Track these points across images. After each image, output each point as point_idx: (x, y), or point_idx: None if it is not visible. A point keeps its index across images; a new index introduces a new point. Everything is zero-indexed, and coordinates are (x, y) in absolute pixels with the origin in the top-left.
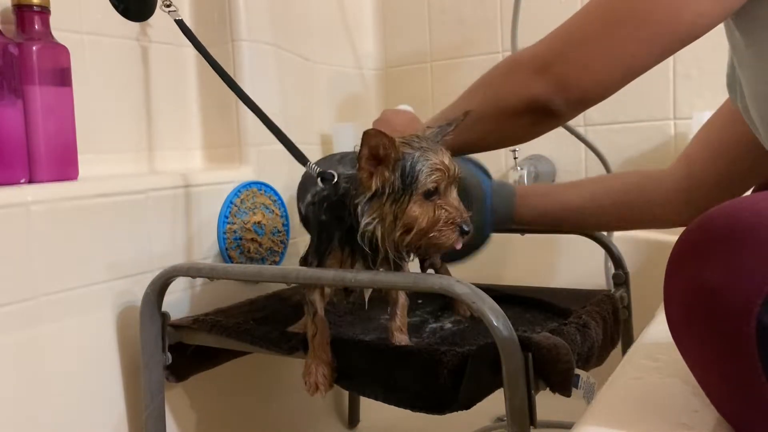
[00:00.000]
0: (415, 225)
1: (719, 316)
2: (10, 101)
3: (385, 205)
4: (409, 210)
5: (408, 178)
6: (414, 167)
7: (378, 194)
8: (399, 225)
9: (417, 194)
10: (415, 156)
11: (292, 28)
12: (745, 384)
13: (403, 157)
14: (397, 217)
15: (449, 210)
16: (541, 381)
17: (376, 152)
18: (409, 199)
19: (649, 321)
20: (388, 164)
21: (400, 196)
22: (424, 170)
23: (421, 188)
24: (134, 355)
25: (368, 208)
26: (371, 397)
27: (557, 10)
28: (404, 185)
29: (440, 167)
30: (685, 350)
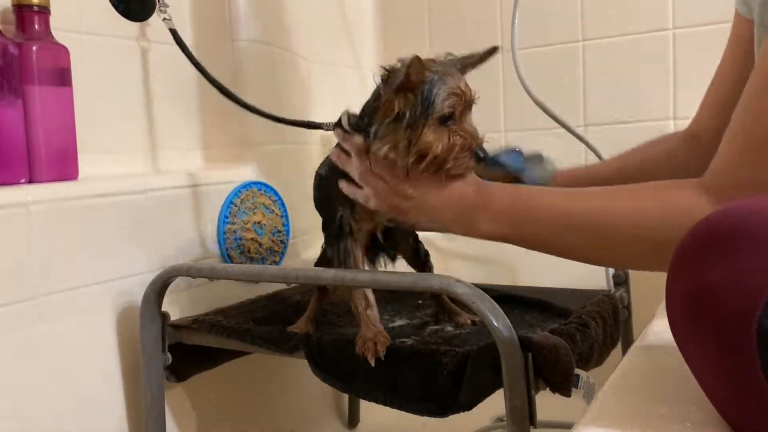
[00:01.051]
0: (430, 152)
1: (720, 318)
2: (10, 101)
3: (400, 131)
4: (424, 135)
5: (426, 103)
6: (431, 91)
7: (396, 119)
8: (413, 151)
9: (432, 119)
10: (433, 80)
11: (291, 28)
12: (746, 385)
13: (424, 81)
14: (411, 142)
15: (464, 135)
16: (541, 381)
17: (411, 79)
18: (424, 124)
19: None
20: (413, 88)
21: (414, 121)
22: (440, 94)
23: (437, 113)
24: (134, 355)
25: (381, 132)
26: (371, 400)
27: (557, 10)
28: (421, 110)
29: (457, 92)
30: (686, 351)
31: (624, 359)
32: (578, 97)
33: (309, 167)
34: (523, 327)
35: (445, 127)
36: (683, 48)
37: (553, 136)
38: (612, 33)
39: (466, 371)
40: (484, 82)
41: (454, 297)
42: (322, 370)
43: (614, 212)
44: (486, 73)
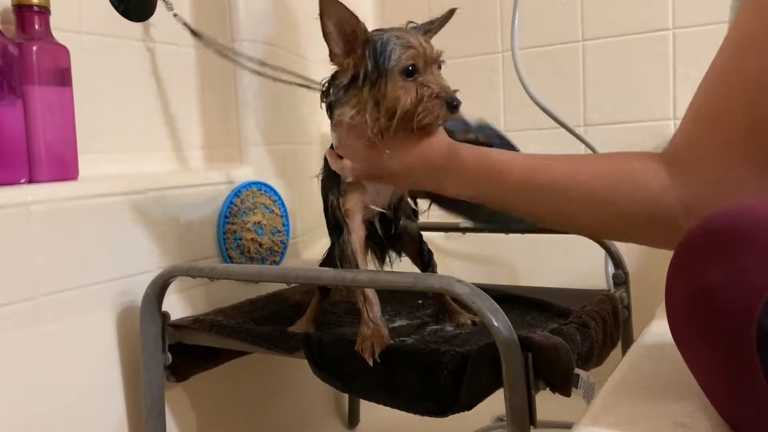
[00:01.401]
0: (399, 106)
1: (720, 319)
2: (10, 101)
3: (363, 91)
4: (390, 91)
5: (381, 59)
6: (386, 46)
7: (353, 82)
8: (382, 110)
9: (394, 74)
10: (385, 37)
11: (292, 28)
12: (746, 386)
13: (374, 39)
14: (378, 102)
15: (432, 86)
16: (541, 381)
17: (342, 29)
18: (386, 80)
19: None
20: (357, 45)
21: (376, 78)
22: (396, 49)
23: (398, 67)
24: (134, 355)
25: (343, 96)
26: (372, 400)
27: (557, 10)
28: (378, 66)
29: (413, 45)
30: (686, 351)
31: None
32: (578, 97)
33: (309, 167)
34: (523, 327)
35: (411, 81)
36: (683, 48)
37: (553, 136)
38: (612, 33)
39: (466, 371)
40: (484, 82)
41: (455, 297)
42: (322, 370)
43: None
44: (486, 73)
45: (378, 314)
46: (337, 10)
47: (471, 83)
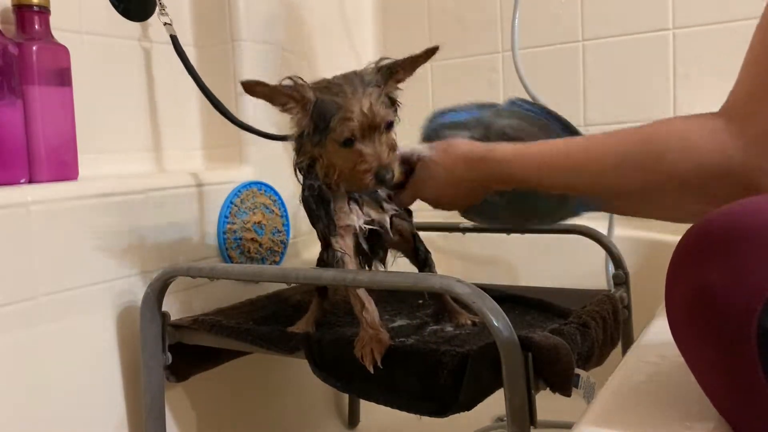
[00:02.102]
0: (336, 170)
1: (720, 319)
2: (10, 101)
3: (307, 146)
4: (327, 155)
5: (321, 124)
6: (325, 114)
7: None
8: (324, 166)
9: (332, 142)
10: (327, 101)
11: (292, 28)
12: (746, 386)
13: (317, 104)
14: (322, 156)
15: (366, 158)
16: (541, 381)
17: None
18: (325, 145)
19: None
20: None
21: (318, 140)
22: (335, 119)
23: (337, 137)
24: (134, 355)
25: (299, 145)
26: (372, 400)
27: (557, 10)
28: (319, 131)
29: (352, 117)
30: (686, 351)
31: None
32: (578, 97)
33: None
34: (523, 327)
35: (347, 149)
36: (683, 48)
37: None
38: (612, 33)
39: (466, 371)
40: (484, 82)
41: (455, 297)
42: (322, 371)
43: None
44: (486, 73)
45: (376, 318)
46: (261, 89)
47: (471, 83)
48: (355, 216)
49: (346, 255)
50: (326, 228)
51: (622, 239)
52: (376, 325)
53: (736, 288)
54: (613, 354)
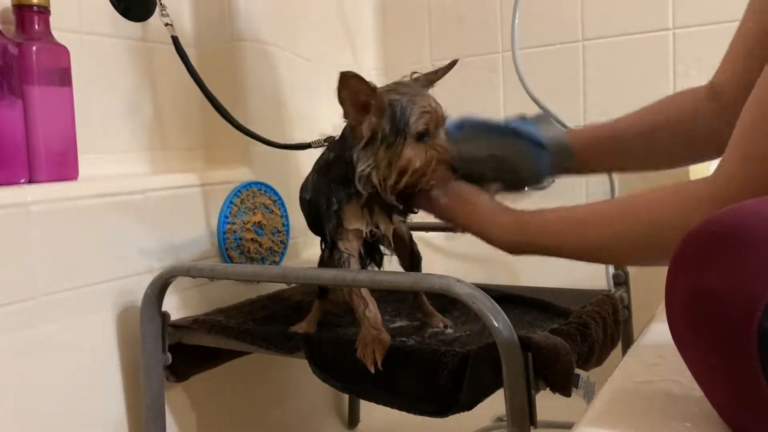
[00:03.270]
0: (410, 167)
1: (720, 321)
2: (10, 101)
3: (379, 152)
4: (404, 153)
5: (401, 123)
6: (404, 112)
7: (371, 142)
8: (394, 169)
9: (410, 137)
10: (404, 101)
11: (292, 28)
12: (746, 388)
13: (391, 103)
14: (392, 162)
15: (440, 150)
16: (541, 381)
17: (356, 98)
18: (403, 143)
19: (649, 321)
20: (374, 111)
21: (393, 141)
22: (414, 113)
23: (413, 131)
24: (134, 355)
25: (362, 155)
26: (372, 400)
27: (557, 10)
28: (397, 130)
29: (428, 110)
30: (686, 353)
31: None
32: (578, 97)
33: (309, 167)
34: (523, 327)
35: (422, 143)
36: (683, 48)
37: None
38: (612, 33)
39: (467, 371)
40: (484, 82)
41: (455, 297)
42: (322, 371)
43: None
44: (486, 73)
45: (378, 319)
46: (354, 83)
47: (471, 83)
48: (365, 222)
49: (352, 257)
50: (335, 229)
51: None
52: (378, 325)
53: (737, 291)
54: (613, 354)
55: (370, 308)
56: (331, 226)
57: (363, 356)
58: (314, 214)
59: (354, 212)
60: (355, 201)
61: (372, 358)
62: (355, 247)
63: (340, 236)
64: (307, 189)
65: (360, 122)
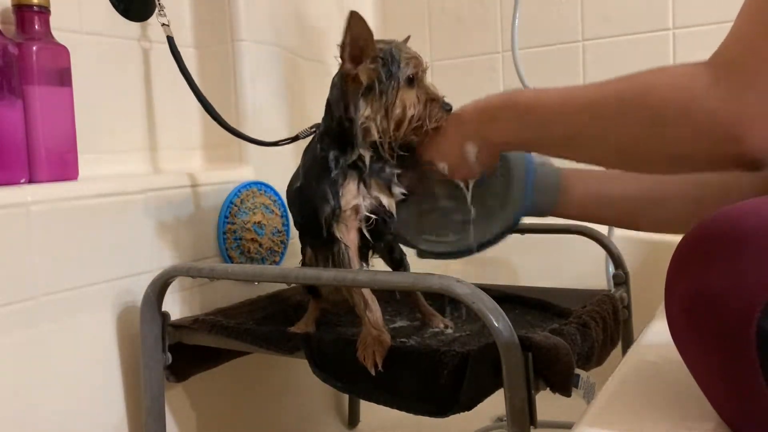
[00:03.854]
0: (407, 114)
1: (720, 321)
2: (10, 101)
3: (374, 102)
4: (399, 99)
5: (393, 68)
6: (394, 57)
7: (366, 91)
8: (391, 117)
9: (402, 83)
10: (392, 48)
11: (292, 28)
12: (745, 388)
13: (383, 49)
14: (387, 110)
15: (429, 92)
16: (541, 381)
17: (355, 43)
18: (397, 88)
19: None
20: (368, 57)
21: (386, 87)
22: (402, 59)
23: (404, 75)
24: (134, 355)
25: (362, 102)
26: (372, 400)
27: (557, 10)
28: (388, 75)
29: (414, 55)
30: (686, 353)
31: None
32: None
33: None
34: (523, 327)
35: (411, 89)
36: (683, 48)
37: None
38: (612, 33)
39: (467, 371)
40: (485, 82)
41: (455, 297)
42: (322, 371)
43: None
44: (486, 73)
45: (380, 318)
46: (360, 25)
47: (471, 83)
48: (362, 197)
49: (350, 249)
50: (332, 213)
51: (622, 239)
52: (379, 325)
53: (736, 291)
54: (613, 354)
55: (371, 307)
56: (327, 209)
57: (363, 357)
58: (305, 203)
59: (351, 189)
60: (351, 177)
61: (372, 359)
62: (353, 239)
63: (338, 220)
64: (297, 177)
65: (355, 69)
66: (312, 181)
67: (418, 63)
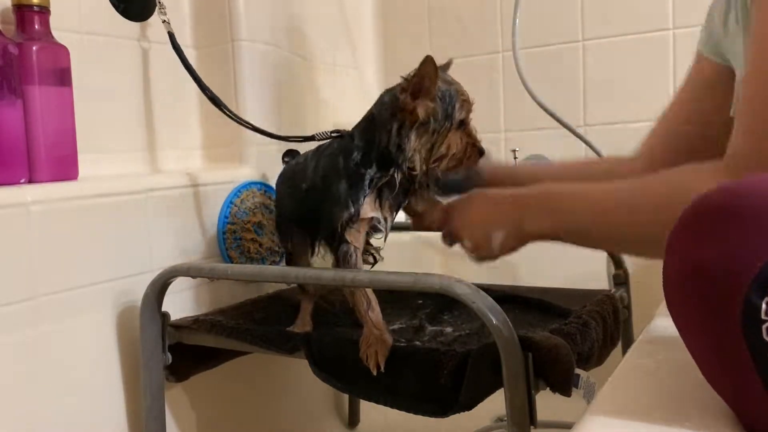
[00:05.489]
0: (449, 152)
1: (710, 296)
2: (10, 101)
3: (424, 136)
4: (448, 138)
5: (449, 109)
6: (452, 99)
7: (421, 125)
8: (435, 153)
9: (453, 124)
10: (451, 90)
11: (292, 28)
12: (735, 364)
13: (441, 90)
14: (434, 145)
15: (472, 136)
16: (541, 381)
17: (420, 82)
18: (449, 129)
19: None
20: (429, 95)
21: (440, 126)
22: (458, 102)
23: (458, 118)
24: (134, 355)
25: (414, 135)
26: (372, 400)
27: (557, 10)
28: (444, 116)
29: (468, 99)
30: (681, 327)
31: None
32: (578, 97)
33: None
34: (523, 327)
35: (459, 130)
36: (683, 48)
37: (553, 136)
38: (612, 33)
39: (467, 371)
40: (485, 82)
41: (455, 297)
42: (322, 371)
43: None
44: (486, 73)
45: (381, 318)
46: (431, 68)
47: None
48: (378, 211)
49: (358, 249)
50: (349, 219)
51: None
52: (381, 325)
53: (725, 266)
54: (613, 354)
55: (372, 307)
56: (345, 215)
57: (366, 357)
58: (314, 203)
59: (370, 202)
60: (374, 192)
61: (375, 359)
62: (361, 242)
63: (352, 226)
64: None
65: (413, 103)
66: (332, 187)
67: (470, 107)
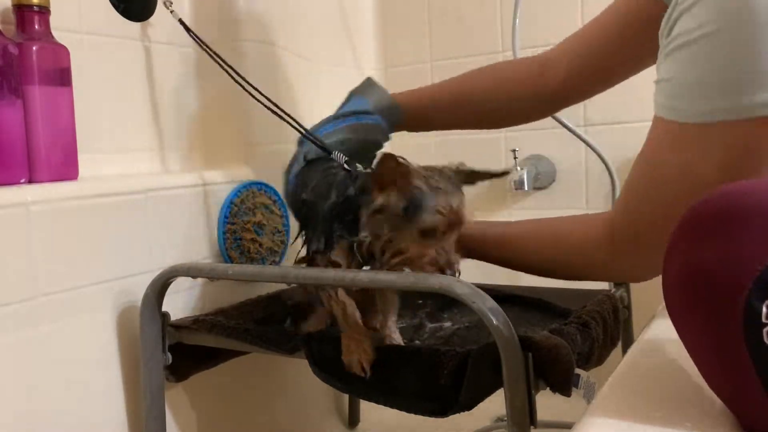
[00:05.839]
0: (403, 256)
1: (710, 298)
2: (10, 101)
3: (384, 225)
4: (404, 241)
5: (412, 211)
6: (420, 204)
7: (380, 211)
8: (391, 248)
9: (415, 229)
10: (425, 193)
11: (292, 28)
12: (735, 366)
13: (413, 189)
14: (391, 240)
15: (439, 253)
16: (541, 381)
17: (388, 176)
18: (407, 231)
19: (649, 321)
20: (398, 189)
21: (399, 223)
22: (427, 210)
23: (420, 225)
24: (134, 355)
25: (369, 221)
26: (372, 400)
27: (557, 10)
28: (406, 216)
29: (443, 211)
30: (681, 330)
31: (624, 359)
32: None
33: None
34: (523, 327)
35: (425, 240)
36: None
37: (553, 136)
38: None
39: (467, 371)
40: None
41: (455, 297)
42: (322, 371)
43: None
44: None
45: (359, 320)
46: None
47: None
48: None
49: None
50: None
51: None
52: (359, 330)
53: (727, 267)
54: (613, 354)
55: (347, 312)
56: (315, 246)
57: (350, 365)
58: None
59: (343, 248)
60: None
61: (359, 366)
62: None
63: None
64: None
65: (380, 191)
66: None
67: (442, 221)
